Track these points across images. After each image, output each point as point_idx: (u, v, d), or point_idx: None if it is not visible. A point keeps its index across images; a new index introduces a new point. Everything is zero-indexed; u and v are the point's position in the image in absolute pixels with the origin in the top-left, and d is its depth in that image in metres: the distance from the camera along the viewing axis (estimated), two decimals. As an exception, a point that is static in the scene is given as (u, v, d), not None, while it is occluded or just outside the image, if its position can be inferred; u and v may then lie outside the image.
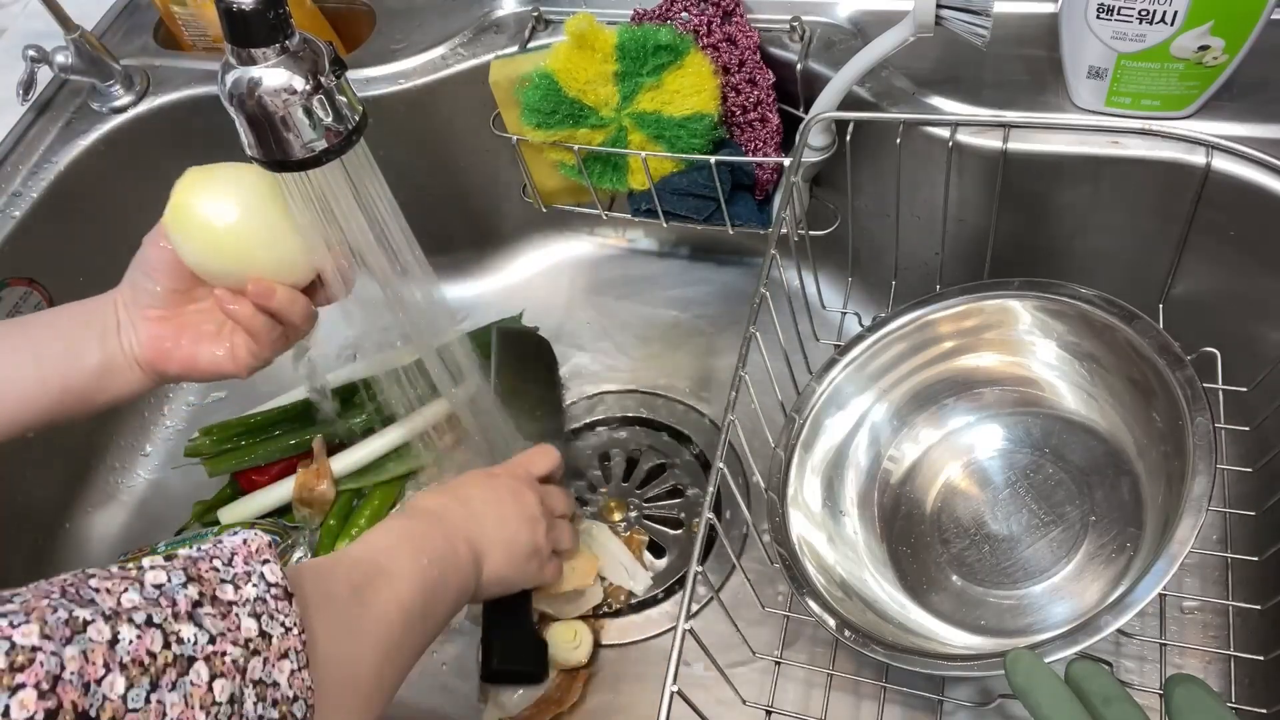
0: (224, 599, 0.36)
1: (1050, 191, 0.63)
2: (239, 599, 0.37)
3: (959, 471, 0.64)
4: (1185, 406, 0.52)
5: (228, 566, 0.38)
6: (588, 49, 0.66)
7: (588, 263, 0.90)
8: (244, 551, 0.39)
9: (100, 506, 0.81)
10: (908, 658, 0.50)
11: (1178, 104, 0.58)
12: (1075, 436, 0.62)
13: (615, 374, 0.82)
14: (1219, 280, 0.63)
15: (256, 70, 0.46)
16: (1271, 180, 0.56)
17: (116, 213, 0.80)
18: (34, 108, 0.79)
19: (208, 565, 0.37)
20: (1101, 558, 0.57)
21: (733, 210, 0.72)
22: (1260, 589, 0.56)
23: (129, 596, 0.33)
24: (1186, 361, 0.53)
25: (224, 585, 0.37)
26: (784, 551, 0.57)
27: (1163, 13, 0.53)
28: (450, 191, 0.84)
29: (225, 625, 0.35)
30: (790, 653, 0.60)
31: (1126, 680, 0.57)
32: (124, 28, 0.86)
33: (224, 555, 0.38)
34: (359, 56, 0.78)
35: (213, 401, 0.86)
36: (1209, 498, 0.49)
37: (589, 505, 0.75)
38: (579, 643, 0.66)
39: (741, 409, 0.53)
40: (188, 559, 0.37)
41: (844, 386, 0.64)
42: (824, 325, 0.73)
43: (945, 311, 0.63)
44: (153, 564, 0.36)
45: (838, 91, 0.63)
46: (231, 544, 0.39)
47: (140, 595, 0.34)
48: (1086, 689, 0.40)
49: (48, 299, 0.75)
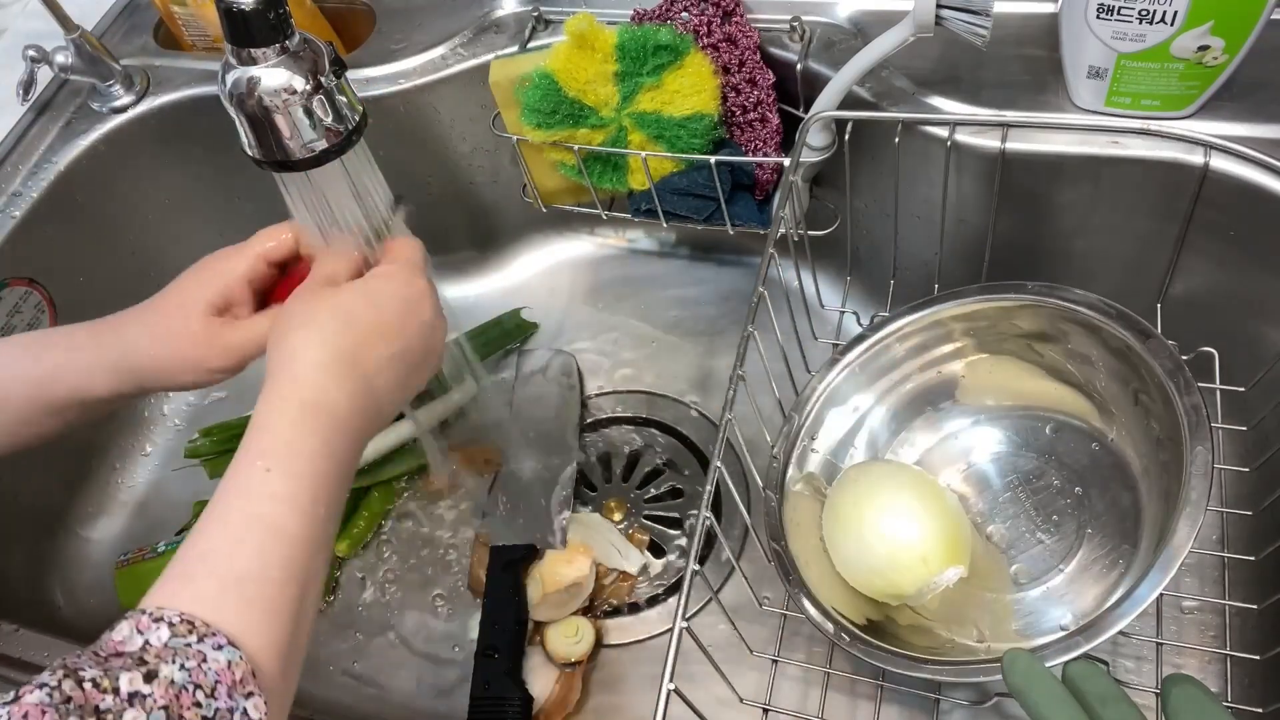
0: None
1: (1050, 191, 0.63)
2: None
3: (957, 476, 0.64)
4: (1187, 436, 0.51)
5: (210, 699, 0.35)
6: (588, 49, 0.67)
7: (588, 263, 0.90)
8: (228, 680, 0.36)
9: (100, 507, 0.81)
10: (904, 661, 0.50)
11: (1178, 104, 0.58)
12: (1075, 442, 0.62)
13: (615, 374, 0.82)
14: (1217, 280, 0.63)
15: (256, 70, 0.46)
16: (1270, 180, 0.56)
17: (116, 213, 0.80)
18: (34, 108, 0.79)
19: (190, 700, 0.35)
20: (1099, 561, 0.57)
21: (733, 210, 0.72)
22: (1257, 589, 0.56)
23: None
24: (1195, 387, 0.52)
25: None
26: (780, 551, 0.57)
27: (1163, 13, 0.53)
28: (450, 191, 0.84)
29: None
30: (787, 651, 0.61)
31: (1123, 680, 0.57)
32: (124, 28, 0.86)
33: (208, 684, 0.36)
34: (359, 56, 0.78)
35: (213, 402, 0.87)
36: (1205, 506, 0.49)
37: (589, 505, 0.75)
38: (580, 638, 0.66)
39: (740, 408, 0.53)
40: (170, 688, 0.34)
41: (843, 387, 0.64)
42: (823, 325, 0.73)
43: (945, 313, 0.63)
44: (132, 690, 0.34)
45: (838, 91, 0.63)
46: (216, 667, 0.36)
47: None
48: (1083, 689, 0.40)
49: (48, 299, 0.75)
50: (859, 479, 0.58)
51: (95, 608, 0.76)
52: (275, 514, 0.42)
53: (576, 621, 0.67)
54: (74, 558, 0.78)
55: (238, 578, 0.40)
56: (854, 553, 0.56)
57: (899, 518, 0.55)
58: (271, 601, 0.40)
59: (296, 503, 0.42)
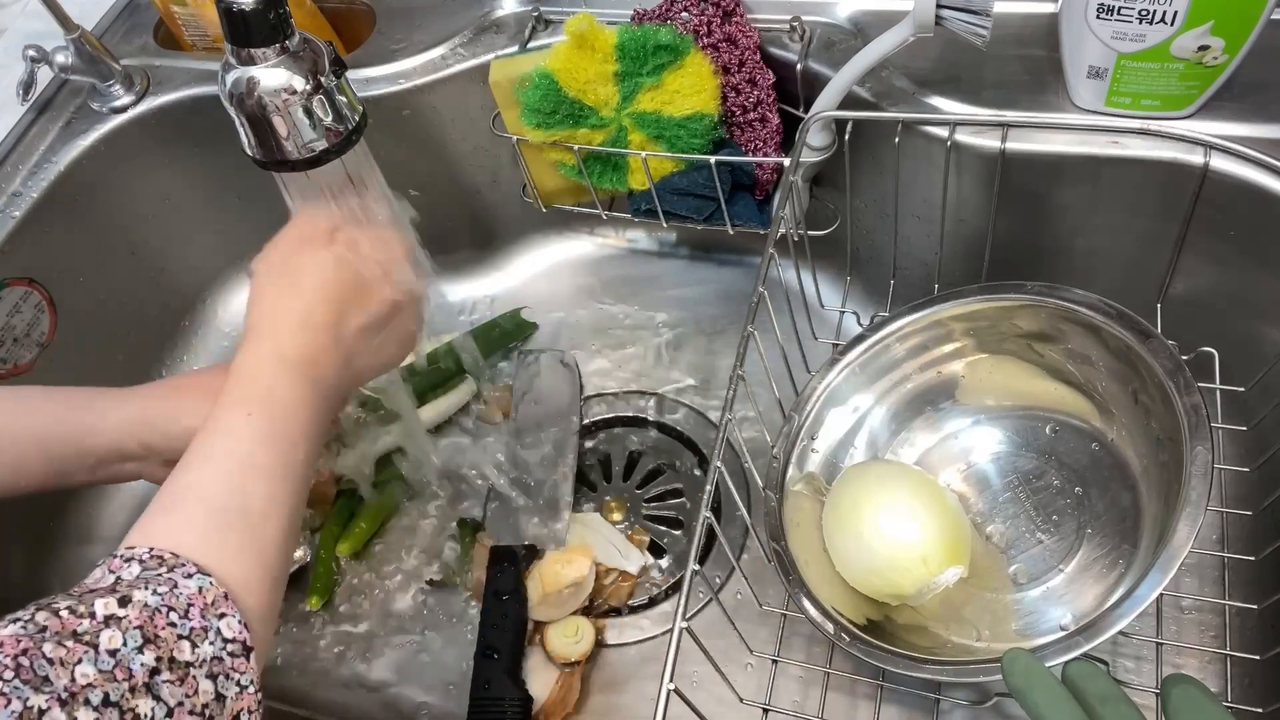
0: (181, 660, 0.36)
1: (1050, 191, 0.63)
2: (196, 659, 0.36)
3: (957, 476, 0.64)
4: (1187, 436, 0.51)
5: (184, 619, 0.37)
6: (588, 49, 0.67)
7: (588, 263, 0.90)
8: (200, 602, 0.37)
9: (100, 505, 0.81)
10: (904, 661, 0.50)
11: (1178, 104, 0.58)
12: (1075, 442, 0.62)
13: (615, 374, 0.82)
14: (1217, 280, 0.63)
15: (256, 70, 0.46)
16: (1270, 180, 0.56)
17: (116, 213, 0.80)
18: (34, 108, 0.79)
19: (164, 620, 0.36)
20: (1099, 561, 0.57)
21: (733, 210, 0.72)
22: (1257, 588, 0.56)
23: (84, 670, 0.33)
24: (1195, 387, 0.52)
25: (180, 643, 0.36)
26: (780, 551, 0.57)
27: (1163, 13, 0.53)
28: (450, 191, 0.84)
29: (184, 692, 0.35)
30: (787, 651, 0.61)
31: (1123, 680, 0.57)
32: (124, 28, 0.86)
33: (180, 606, 0.37)
34: (359, 56, 0.78)
35: (213, 401, 0.86)
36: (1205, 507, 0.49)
37: (589, 505, 0.75)
38: (580, 638, 0.66)
39: (741, 408, 0.53)
40: (144, 610, 0.36)
41: (843, 387, 0.64)
42: (823, 325, 0.73)
43: (945, 313, 0.63)
44: (108, 613, 0.35)
45: (838, 91, 0.63)
46: (187, 592, 0.37)
47: (95, 668, 0.33)
48: (1083, 689, 0.40)
49: (48, 299, 0.75)
50: (859, 479, 0.58)
51: (95, 608, 0.75)
52: (256, 454, 0.44)
53: (576, 621, 0.67)
54: (74, 558, 0.78)
55: (221, 508, 0.42)
56: (854, 553, 0.56)
57: (899, 518, 0.55)
58: (253, 531, 0.42)
59: (276, 445, 0.44)
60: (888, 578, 0.54)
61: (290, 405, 0.46)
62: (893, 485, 0.57)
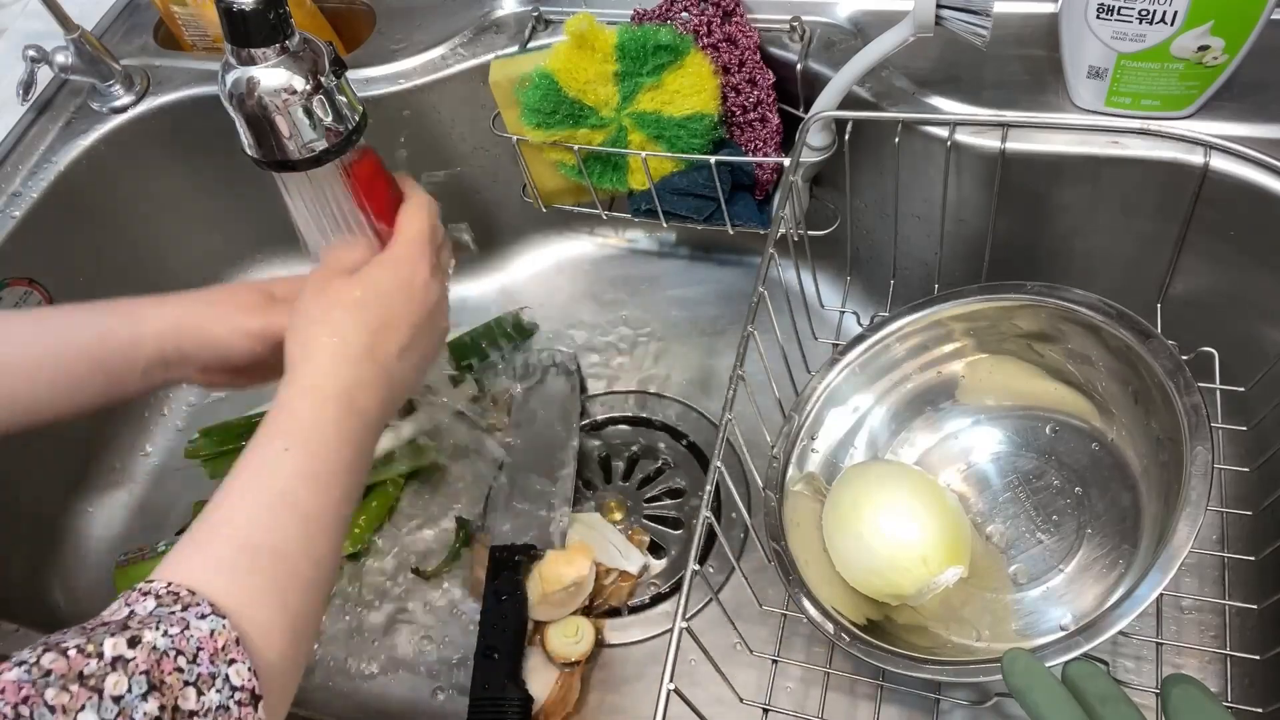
0: (185, 709, 0.35)
1: (1050, 191, 0.63)
2: (201, 708, 0.35)
3: (957, 476, 0.64)
4: (1187, 436, 0.51)
5: (192, 665, 0.36)
6: (588, 49, 0.67)
7: (588, 263, 0.90)
8: (210, 646, 0.36)
9: (100, 507, 0.81)
10: (904, 661, 0.50)
11: (1178, 104, 0.58)
12: (1075, 442, 0.62)
13: (615, 374, 0.82)
14: (1217, 280, 0.63)
15: (256, 70, 0.46)
16: (1270, 180, 0.56)
17: (116, 213, 0.80)
18: (34, 108, 0.79)
19: (171, 665, 0.35)
20: (1098, 561, 0.57)
21: (733, 210, 0.72)
22: (1257, 588, 0.56)
23: (86, 718, 0.32)
24: (1195, 387, 0.52)
25: (186, 690, 0.35)
26: (780, 551, 0.57)
27: (1163, 13, 0.53)
28: (450, 191, 0.84)
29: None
30: (787, 651, 0.61)
31: (1123, 680, 0.57)
32: (124, 28, 0.86)
33: (189, 650, 0.36)
34: (359, 56, 0.78)
35: (213, 402, 0.87)
36: (1205, 507, 0.49)
37: (589, 505, 0.75)
38: (580, 638, 0.66)
39: (740, 408, 0.53)
40: (152, 653, 0.35)
41: (843, 387, 0.64)
42: (823, 325, 0.73)
43: (945, 313, 0.63)
44: (115, 654, 0.34)
45: (838, 91, 0.63)
46: (199, 634, 0.36)
47: (98, 716, 0.32)
48: (1083, 689, 0.40)
49: (48, 299, 0.75)
50: (859, 479, 0.58)
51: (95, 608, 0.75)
52: (293, 491, 0.43)
53: (576, 621, 0.67)
54: (74, 558, 0.78)
55: (253, 547, 0.40)
56: (854, 553, 0.56)
57: (899, 518, 0.55)
58: (281, 572, 0.41)
59: (315, 483, 0.43)
60: (888, 578, 0.54)
61: (330, 439, 0.45)
62: (893, 485, 0.57)
